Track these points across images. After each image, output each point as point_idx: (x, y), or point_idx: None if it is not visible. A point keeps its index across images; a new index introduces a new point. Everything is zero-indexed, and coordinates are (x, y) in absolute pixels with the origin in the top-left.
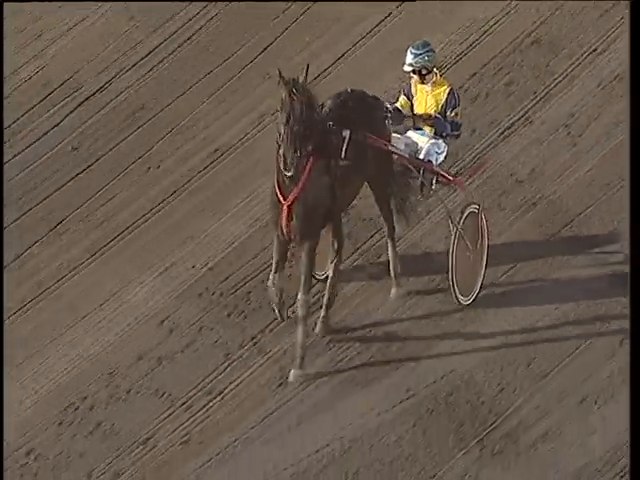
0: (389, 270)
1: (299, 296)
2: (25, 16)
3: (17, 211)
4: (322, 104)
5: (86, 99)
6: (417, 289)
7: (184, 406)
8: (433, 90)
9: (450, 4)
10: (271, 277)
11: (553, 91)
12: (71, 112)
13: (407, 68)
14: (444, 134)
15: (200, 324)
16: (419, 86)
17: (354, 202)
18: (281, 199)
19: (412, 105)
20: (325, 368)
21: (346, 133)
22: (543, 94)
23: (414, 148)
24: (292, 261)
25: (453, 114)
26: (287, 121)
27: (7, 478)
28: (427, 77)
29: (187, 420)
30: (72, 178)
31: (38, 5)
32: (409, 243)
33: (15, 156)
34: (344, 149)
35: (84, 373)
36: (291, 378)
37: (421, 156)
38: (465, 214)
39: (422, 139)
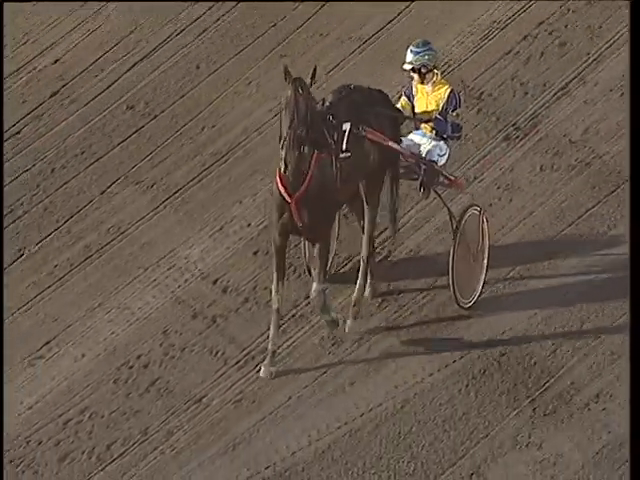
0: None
1: (314, 286)
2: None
3: (77, 167)
4: (323, 99)
5: (142, 59)
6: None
7: (238, 365)
8: (433, 90)
9: None
10: (274, 288)
11: (606, 52)
12: (127, 71)
13: (407, 67)
14: (445, 135)
15: (254, 283)
16: (419, 86)
17: None
18: (287, 197)
19: (413, 106)
20: (378, 328)
21: (346, 126)
22: (597, 55)
23: (416, 150)
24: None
25: (454, 115)
26: (291, 123)
27: (63, 436)
28: (427, 76)
29: (241, 379)
30: (127, 137)
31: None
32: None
33: (72, 114)
34: (345, 142)
35: (138, 332)
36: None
37: (423, 154)
38: (466, 216)
39: (424, 141)
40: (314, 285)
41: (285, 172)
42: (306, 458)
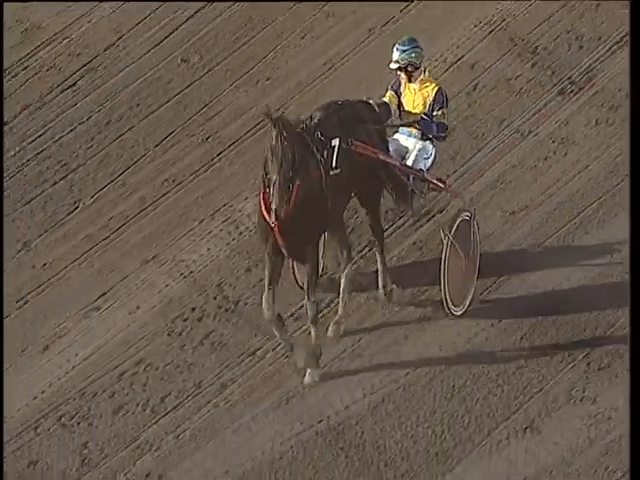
0: (378, 284)
1: (305, 302)
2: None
3: (132, 119)
4: (310, 115)
5: (196, 11)
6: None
7: (293, 317)
8: (420, 89)
9: None
10: (264, 296)
11: None
12: (182, 24)
13: (393, 65)
14: (430, 135)
15: None
16: (407, 84)
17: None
18: (269, 219)
19: (400, 102)
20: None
21: (335, 142)
22: None
23: (402, 152)
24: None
25: (439, 114)
26: (279, 169)
27: (117, 388)
28: (414, 75)
29: (295, 331)
30: (182, 90)
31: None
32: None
33: (127, 67)
34: (335, 159)
35: (193, 285)
36: (307, 379)
37: (409, 163)
38: (457, 222)
39: (409, 142)
40: (305, 301)
41: (276, 214)
42: (360, 412)
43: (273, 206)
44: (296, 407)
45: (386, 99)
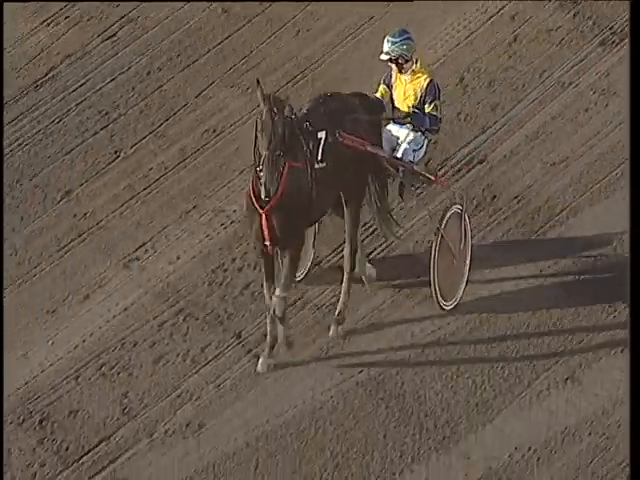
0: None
1: (276, 292)
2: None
3: (172, 70)
4: (300, 108)
5: None
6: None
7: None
8: (412, 80)
9: None
10: (265, 287)
11: None
12: None
13: (384, 57)
14: (422, 129)
15: None
16: (398, 75)
17: None
18: (258, 207)
19: (392, 95)
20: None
21: (322, 135)
22: None
23: (394, 143)
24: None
25: (432, 107)
26: (269, 145)
27: (158, 338)
28: (405, 66)
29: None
30: (223, 40)
31: None
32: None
33: (168, 17)
34: (320, 151)
35: (233, 235)
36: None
37: (399, 154)
38: (447, 215)
39: (401, 132)
40: (277, 291)
41: (266, 196)
42: (400, 363)
43: (262, 181)
44: (336, 357)
45: (378, 94)
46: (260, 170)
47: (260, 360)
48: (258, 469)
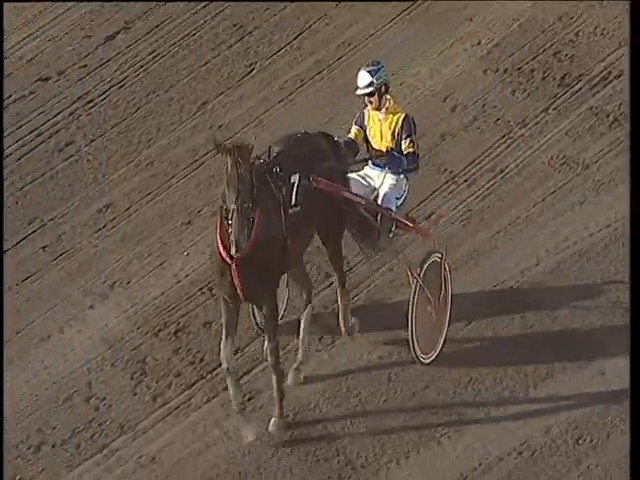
0: (339, 324)
1: (266, 344)
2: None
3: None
4: (269, 147)
5: None
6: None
7: (466, 183)
8: (386, 118)
9: None
10: (222, 345)
11: None
12: None
13: (368, 89)
14: (400, 169)
15: (483, 101)
16: (372, 113)
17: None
18: (227, 259)
19: (366, 135)
20: None
21: (295, 178)
22: None
23: (370, 188)
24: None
25: (408, 143)
26: (237, 198)
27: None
28: (383, 100)
29: (469, 197)
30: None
31: None
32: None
33: None
34: (294, 196)
35: None
36: (272, 428)
37: (379, 200)
38: (426, 264)
39: (380, 176)
40: (266, 343)
41: (237, 251)
42: (534, 277)
43: (232, 238)
44: (472, 271)
45: (351, 135)
46: (229, 224)
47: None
48: None
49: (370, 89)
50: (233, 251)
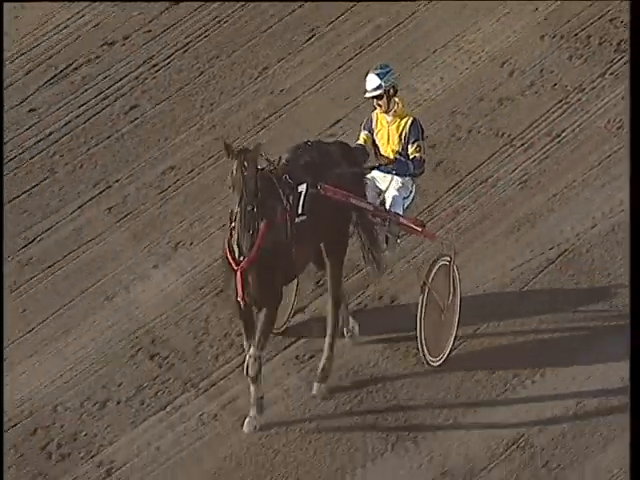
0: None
1: (250, 351)
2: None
3: None
4: (280, 156)
5: None
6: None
7: (523, 147)
8: (394, 121)
9: None
10: (246, 345)
11: None
12: None
13: (377, 92)
14: (407, 174)
15: (541, 66)
16: (380, 117)
17: None
18: (233, 265)
19: (374, 140)
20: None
21: (302, 188)
22: None
23: (377, 191)
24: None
25: (415, 147)
26: (240, 200)
27: None
28: (391, 103)
29: (526, 160)
30: None
31: None
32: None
33: None
34: (301, 205)
35: (428, 112)
36: (245, 427)
37: (387, 205)
38: (435, 268)
39: (387, 178)
40: (251, 350)
41: (241, 254)
42: (590, 240)
43: (235, 238)
44: (527, 234)
45: (361, 141)
46: (233, 227)
47: (246, 420)
48: None
49: (379, 92)
50: (237, 253)
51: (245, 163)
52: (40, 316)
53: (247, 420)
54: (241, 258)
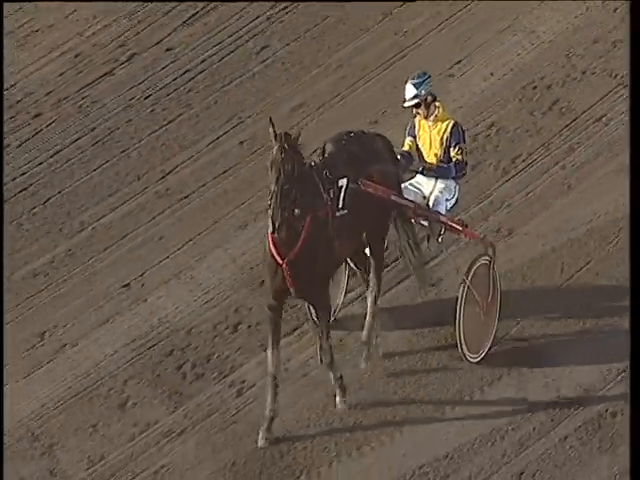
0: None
1: (318, 345)
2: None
3: None
4: (323, 147)
5: None
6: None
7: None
8: (435, 125)
9: None
10: (269, 354)
11: None
12: None
13: (414, 101)
14: (449, 177)
15: None
16: (422, 122)
17: None
18: (278, 259)
19: (417, 145)
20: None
21: (343, 182)
22: None
23: (421, 195)
24: None
25: (457, 150)
26: (277, 179)
27: (473, 147)
28: (431, 108)
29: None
30: None
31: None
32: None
33: None
34: (342, 199)
35: (542, 55)
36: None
37: (430, 203)
38: (475, 267)
39: (429, 183)
40: (322, 342)
41: (274, 232)
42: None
43: (270, 214)
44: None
45: (405, 147)
46: (269, 205)
47: (260, 434)
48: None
49: (416, 101)
50: (270, 229)
51: (285, 145)
52: (175, 244)
53: (337, 400)
54: (273, 234)
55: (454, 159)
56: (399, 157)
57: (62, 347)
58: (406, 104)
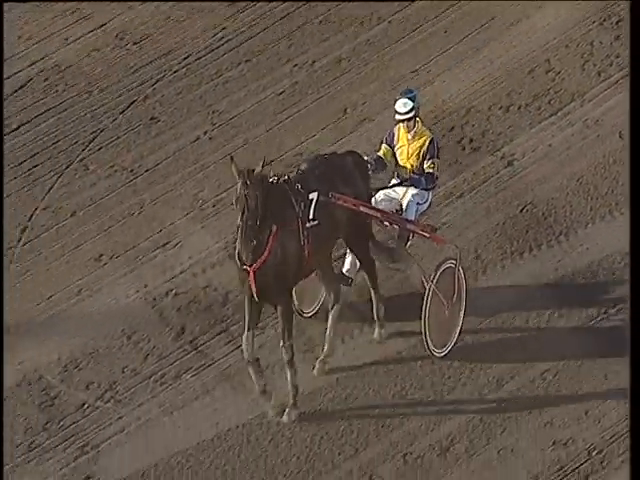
0: (372, 313)
1: (280, 343)
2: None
3: None
4: (297, 167)
5: None
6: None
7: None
8: (414, 139)
9: None
10: (244, 337)
11: None
12: None
13: (410, 114)
14: (420, 187)
15: None
16: (403, 135)
17: None
18: (246, 266)
19: (394, 153)
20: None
21: (313, 196)
22: None
23: (396, 201)
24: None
25: (429, 164)
26: (242, 215)
27: None
28: (412, 122)
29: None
30: None
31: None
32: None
33: None
34: (312, 211)
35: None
36: (285, 418)
37: (403, 207)
38: (440, 271)
39: (402, 190)
40: (280, 342)
41: (246, 259)
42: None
43: (237, 249)
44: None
45: (380, 153)
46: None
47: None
48: None
49: (412, 114)
50: (238, 264)
51: (247, 182)
52: None
53: (287, 411)
54: (244, 267)
55: (427, 171)
56: (372, 161)
57: None
58: (402, 117)
